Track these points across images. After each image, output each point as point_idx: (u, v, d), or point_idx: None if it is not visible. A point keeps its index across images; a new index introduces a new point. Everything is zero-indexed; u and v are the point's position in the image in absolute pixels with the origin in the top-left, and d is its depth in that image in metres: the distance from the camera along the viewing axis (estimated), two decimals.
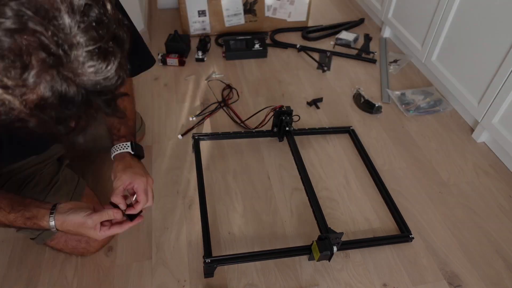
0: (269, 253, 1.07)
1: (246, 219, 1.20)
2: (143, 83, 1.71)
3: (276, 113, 1.36)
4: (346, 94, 1.69)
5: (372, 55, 1.92)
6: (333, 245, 1.00)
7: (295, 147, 1.32)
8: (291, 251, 1.08)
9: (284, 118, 1.35)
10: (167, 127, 1.50)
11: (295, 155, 1.30)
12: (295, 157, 1.30)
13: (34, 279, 1.04)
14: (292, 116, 1.37)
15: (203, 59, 1.86)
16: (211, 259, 1.01)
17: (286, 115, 1.35)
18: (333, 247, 1.00)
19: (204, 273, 1.04)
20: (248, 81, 1.76)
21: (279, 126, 1.38)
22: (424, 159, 1.40)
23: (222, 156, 1.39)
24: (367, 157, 1.37)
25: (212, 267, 1.02)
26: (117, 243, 1.12)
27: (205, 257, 1.00)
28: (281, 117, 1.36)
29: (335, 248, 1.00)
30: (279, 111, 1.35)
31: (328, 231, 1.06)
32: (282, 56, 1.93)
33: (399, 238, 1.14)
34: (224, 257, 1.04)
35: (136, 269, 1.07)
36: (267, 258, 1.08)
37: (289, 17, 2.08)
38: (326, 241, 1.01)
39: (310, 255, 1.07)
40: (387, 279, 1.07)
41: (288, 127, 1.36)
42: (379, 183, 1.29)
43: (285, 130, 1.36)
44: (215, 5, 1.93)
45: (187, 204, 1.23)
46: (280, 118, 1.36)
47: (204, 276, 1.04)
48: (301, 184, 1.28)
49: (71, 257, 1.09)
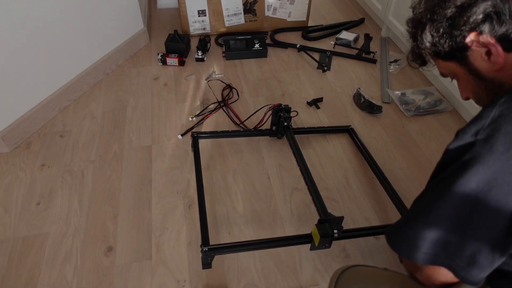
0: (268, 241, 1.04)
1: (246, 219, 1.20)
2: (143, 83, 1.71)
3: (275, 111, 1.35)
4: (346, 94, 1.69)
5: (373, 55, 1.92)
6: (333, 229, 0.95)
7: (294, 141, 1.30)
8: (291, 239, 1.05)
9: (282, 115, 1.34)
10: (167, 127, 1.50)
11: (294, 149, 1.28)
12: (293, 151, 1.28)
13: (33, 279, 1.04)
14: (290, 112, 1.36)
15: (203, 59, 1.86)
16: (208, 247, 0.98)
17: (284, 112, 1.35)
18: (334, 231, 0.95)
19: (202, 264, 1.01)
20: (248, 81, 1.75)
21: (278, 123, 1.37)
22: (424, 159, 1.40)
23: (222, 156, 1.39)
24: (369, 154, 1.35)
25: (209, 256, 1.00)
26: (117, 243, 1.12)
27: (202, 246, 0.98)
28: (279, 114, 1.35)
29: (335, 233, 0.95)
30: (278, 108, 1.35)
31: (328, 215, 1.02)
32: (282, 56, 1.93)
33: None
34: (222, 246, 1.03)
35: (136, 269, 1.07)
36: (266, 247, 1.06)
37: (289, 17, 2.08)
38: (326, 224, 0.97)
39: (312, 244, 1.02)
40: None
41: (286, 123, 1.34)
42: (384, 181, 1.26)
43: (284, 126, 1.35)
44: (215, 4, 1.93)
45: (187, 204, 1.23)
46: (278, 114, 1.35)
47: (202, 267, 1.02)
48: (301, 184, 1.28)
49: (71, 257, 1.09)
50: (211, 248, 0.98)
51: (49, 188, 1.27)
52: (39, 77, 1.43)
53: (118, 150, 1.40)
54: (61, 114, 1.55)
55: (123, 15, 1.76)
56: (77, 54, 1.57)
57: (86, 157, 1.37)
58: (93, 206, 1.22)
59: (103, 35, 1.68)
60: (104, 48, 1.71)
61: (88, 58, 1.64)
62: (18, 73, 1.34)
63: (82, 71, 1.62)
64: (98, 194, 1.25)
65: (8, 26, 1.24)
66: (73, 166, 1.34)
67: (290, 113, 1.37)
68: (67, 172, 1.32)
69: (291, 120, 1.37)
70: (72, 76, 1.58)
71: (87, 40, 1.59)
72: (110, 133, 1.47)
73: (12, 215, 1.18)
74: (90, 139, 1.44)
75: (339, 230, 0.96)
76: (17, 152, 1.38)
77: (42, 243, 1.12)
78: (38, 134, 1.45)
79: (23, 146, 1.41)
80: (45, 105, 1.47)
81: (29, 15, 1.30)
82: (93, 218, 1.19)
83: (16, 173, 1.31)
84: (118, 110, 1.57)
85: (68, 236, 1.14)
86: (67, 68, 1.55)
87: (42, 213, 1.19)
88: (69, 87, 1.56)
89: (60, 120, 1.52)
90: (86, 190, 1.26)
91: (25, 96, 1.40)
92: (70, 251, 1.10)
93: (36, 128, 1.47)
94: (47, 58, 1.43)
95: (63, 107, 1.57)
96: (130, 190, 1.27)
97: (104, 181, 1.29)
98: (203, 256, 0.98)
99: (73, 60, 1.56)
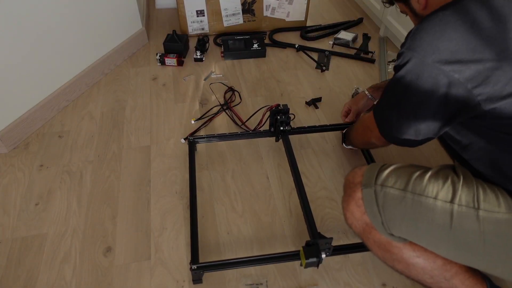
0: (257, 259, 1.03)
1: (245, 219, 1.20)
2: (142, 83, 1.71)
3: (272, 112, 1.34)
4: (345, 93, 1.69)
5: (371, 54, 1.92)
6: (321, 251, 0.94)
7: (289, 147, 1.28)
8: (280, 257, 1.03)
9: (279, 117, 1.32)
10: (165, 127, 1.50)
11: (288, 156, 1.26)
12: (289, 158, 1.26)
13: (32, 280, 1.03)
14: (288, 114, 1.33)
15: (202, 59, 1.86)
16: (197, 265, 0.98)
17: (281, 114, 1.33)
18: (321, 254, 0.94)
19: (192, 280, 1.02)
20: (247, 81, 1.75)
21: (275, 125, 1.35)
22: (422, 157, 1.40)
23: (221, 156, 1.39)
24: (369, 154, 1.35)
25: (199, 274, 1.00)
26: (116, 243, 1.12)
27: (191, 264, 0.98)
28: (276, 116, 1.33)
29: (323, 255, 0.94)
30: (275, 110, 1.34)
31: (316, 236, 0.99)
32: (281, 55, 1.93)
33: None
34: (211, 264, 1.01)
35: (135, 269, 1.06)
36: (255, 264, 1.05)
37: (287, 17, 2.08)
38: (314, 247, 0.95)
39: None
40: (386, 279, 1.06)
41: (282, 127, 1.31)
42: None
43: (280, 129, 1.32)
44: (213, 4, 1.93)
45: (185, 204, 1.23)
46: (275, 117, 1.34)
47: (193, 283, 1.03)
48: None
49: (70, 257, 1.08)
50: (200, 266, 0.99)
51: (47, 188, 1.26)
52: (38, 77, 1.43)
53: (116, 151, 1.40)
54: (59, 115, 1.54)
55: (122, 15, 1.76)
56: (75, 55, 1.57)
57: (84, 158, 1.37)
58: (92, 206, 1.22)
59: (102, 35, 1.68)
60: (103, 49, 1.71)
61: (86, 58, 1.64)
62: (16, 73, 1.34)
63: (80, 72, 1.61)
64: (96, 194, 1.25)
65: (5, 26, 1.24)
66: (71, 167, 1.34)
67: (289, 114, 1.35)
68: (66, 173, 1.31)
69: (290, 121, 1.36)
70: (70, 77, 1.58)
71: (85, 40, 1.59)
72: (109, 133, 1.47)
73: (11, 216, 1.18)
74: (89, 140, 1.44)
75: (328, 250, 0.95)
76: (15, 152, 1.38)
77: (41, 244, 1.11)
78: (37, 135, 1.45)
79: (21, 146, 1.40)
80: (43, 106, 1.47)
81: (27, 16, 1.30)
82: (92, 218, 1.18)
83: (14, 173, 1.31)
84: (117, 110, 1.57)
85: (67, 237, 1.13)
86: (66, 68, 1.55)
87: (40, 213, 1.19)
88: (68, 87, 1.56)
89: (58, 121, 1.52)
90: (85, 190, 1.26)
91: (23, 96, 1.40)
92: (69, 252, 1.10)
93: (35, 129, 1.47)
94: (46, 58, 1.43)
95: (62, 108, 1.56)
96: (129, 191, 1.26)
97: (103, 181, 1.29)
98: (193, 274, 0.99)
99: (71, 60, 1.56)
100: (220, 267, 1.03)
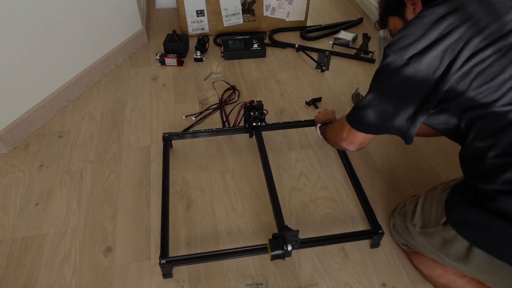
0: (226, 253, 1.04)
1: (245, 218, 1.20)
2: (142, 83, 1.71)
3: (246, 109, 1.34)
4: (345, 93, 1.69)
5: (371, 54, 1.92)
6: (287, 243, 0.94)
7: (262, 143, 1.29)
8: (249, 250, 1.04)
9: (253, 114, 1.32)
10: (165, 127, 1.50)
11: (260, 152, 1.27)
12: (260, 154, 1.26)
13: (32, 280, 1.03)
14: (262, 110, 1.33)
15: (202, 59, 1.86)
16: (166, 259, 0.99)
17: (255, 111, 1.33)
18: (287, 246, 0.93)
19: (162, 274, 1.03)
20: (247, 81, 1.75)
21: (249, 122, 1.35)
22: (423, 158, 1.40)
23: (221, 156, 1.39)
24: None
25: (168, 268, 1.01)
26: (116, 243, 1.12)
27: (160, 258, 0.99)
28: (249, 112, 1.33)
29: (289, 247, 0.94)
30: (249, 106, 1.33)
31: (284, 229, 0.99)
32: (281, 55, 1.93)
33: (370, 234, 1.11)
34: (180, 258, 1.03)
35: (135, 269, 1.06)
36: (224, 258, 1.06)
37: (287, 17, 2.08)
38: (280, 239, 0.96)
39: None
40: (386, 278, 1.06)
41: (255, 123, 1.32)
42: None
43: (253, 126, 1.33)
44: (213, 4, 1.93)
45: (185, 204, 1.23)
46: (248, 113, 1.33)
47: (163, 277, 1.04)
48: (300, 183, 1.28)
49: (70, 257, 1.08)
50: (169, 261, 1.00)
51: (47, 188, 1.26)
52: (37, 77, 1.43)
53: (116, 150, 1.40)
54: (59, 115, 1.54)
55: (122, 15, 1.76)
56: (75, 55, 1.57)
57: (84, 158, 1.37)
58: (92, 206, 1.22)
59: (102, 35, 1.68)
60: (103, 49, 1.71)
61: (86, 58, 1.64)
62: (16, 73, 1.34)
63: (80, 72, 1.61)
64: (96, 194, 1.25)
65: (4, 26, 1.24)
66: (71, 167, 1.34)
67: (263, 110, 1.34)
68: (66, 173, 1.31)
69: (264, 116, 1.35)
70: (70, 77, 1.58)
71: (85, 40, 1.59)
72: (109, 133, 1.47)
73: (11, 216, 1.18)
74: (89, 140, 1.44)
75: (296, 242, 0.95)
76: (15, 152, 1.38)
77: (41, 244, 1.11)
78: (37, 135, 1.45)
79: (21, 146, 1.40)
80: (43, 106, 1.47)
81: (27, 16, 1.30)
82: (92, 218, 1.18)
83: (14, 173, 1.31)
84: (117, 110, 1.57)
85: (67, 237, 1.13)
86: (66, 68, 1.55)
87: (40, 213, 1.19)
88: (68, 87, 1.56)
89: (58, 121, 1.52)
90: (85, 190, 1.26)
91: (23, 96, 1.40)
92: (69, 252, 1.10)
93: (35, 129, 1.47)
94: (45, 58, 1.43)
95: (62, 108, 1.57)
96: (129, 190, 1.26)
97: (103, 181, 1.29)
98: (162, 268, 1.00)
99: (71, 60, 1.56)
100: (188, 261, 1.04)
